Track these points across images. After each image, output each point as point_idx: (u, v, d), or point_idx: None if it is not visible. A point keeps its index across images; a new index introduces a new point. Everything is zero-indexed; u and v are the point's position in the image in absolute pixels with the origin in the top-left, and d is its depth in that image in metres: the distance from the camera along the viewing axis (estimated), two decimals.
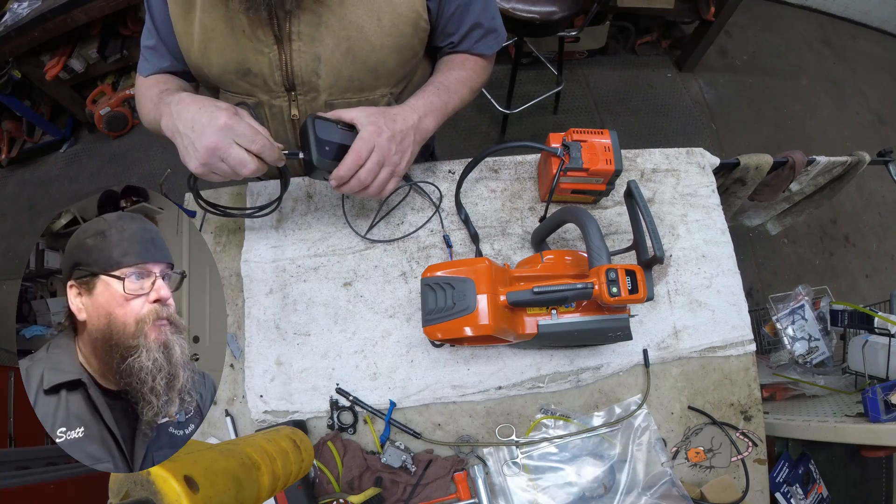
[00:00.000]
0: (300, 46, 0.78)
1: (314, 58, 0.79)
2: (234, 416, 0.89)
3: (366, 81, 0.84)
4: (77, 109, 2.48)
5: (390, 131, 0.76)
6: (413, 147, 0.80)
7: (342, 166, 0.75)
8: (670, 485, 0.85)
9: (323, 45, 0.78)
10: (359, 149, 0.74)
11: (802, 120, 2.66)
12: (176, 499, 0.37)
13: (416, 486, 0.84)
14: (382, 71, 0.84)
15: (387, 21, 0.77)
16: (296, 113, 0.87)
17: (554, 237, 0.98)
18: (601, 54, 2.72)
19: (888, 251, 2.40)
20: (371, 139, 0.74)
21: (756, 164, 1.25)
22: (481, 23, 0.90)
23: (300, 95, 0.84)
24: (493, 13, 0.92)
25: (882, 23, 2.96)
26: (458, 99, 0.90)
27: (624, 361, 0.91)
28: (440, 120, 0.86)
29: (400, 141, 0.77)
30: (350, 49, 0.79)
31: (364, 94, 0.86)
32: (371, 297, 0.94)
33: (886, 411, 0.94)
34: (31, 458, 0.77)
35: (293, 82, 0.82)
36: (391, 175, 0.78)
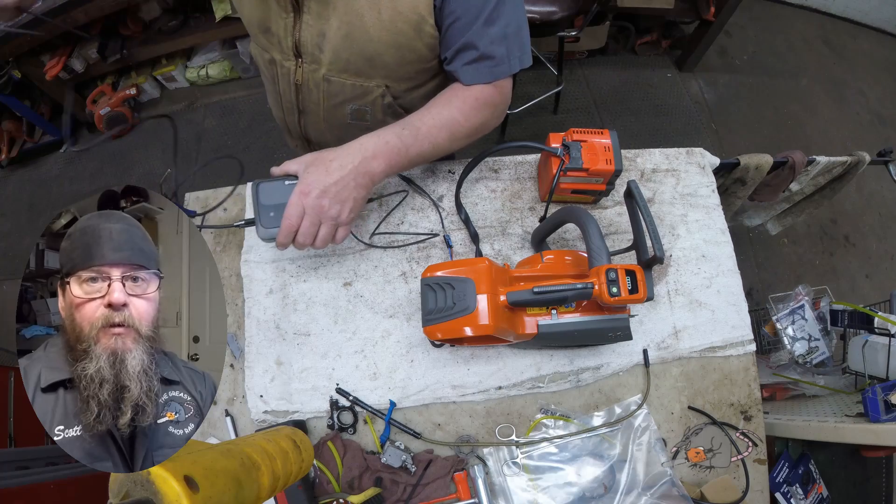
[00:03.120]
0: (308, 20, 0.80)
1: (319, 33, 0.81)
2: (234, 416, 0.89)
3: (362, 68, 0.85)
4: (77, 109, 2.48)
5: (319, 188, 0.74)
6: (356, 192, 0.77)
7: (279, 234, 0.76)
8: (670, 485, 0.85)
9: (328, 24, 0.80)
10: (289, 215, 0.75)
11: (802, 120, 2.66)
12: (176, 499, 0.37)
13: (416, 486, 0.84)
14: (379, 63, 0.84)
15: (386, 16, 0.77)
16: (299, 78, 0.89)
17: (554, 237, 0.98)
18: (601, 54, 2.72)
19: (888, 251, 2.40)
20: (298, 203, 0.75)
21: (756, 164, 1.25)
22: (475, 43, 0.79)
23: (305, 63, 0.87)
24: (497, 38, 0.79)
25: (882, 23, 2.96)
26: (428, 145, 0.81)
27: (624, 361, 0.91)
28: (395, 163, 0.79)
29: (335, 194, 0.75)
30: (349, 34, 0.80)
31: (360, 79, 0.87)
32: (371, 297, 0.94)
33: (886, 411, 0.94)
34: (31, 458, 0.77)
35: (300, 51, 0.85)
36: (334, 228, 0.78)
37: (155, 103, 2.64)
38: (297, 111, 0.96)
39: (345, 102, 0.91)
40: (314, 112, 0.95)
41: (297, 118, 0.98)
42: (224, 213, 1.02)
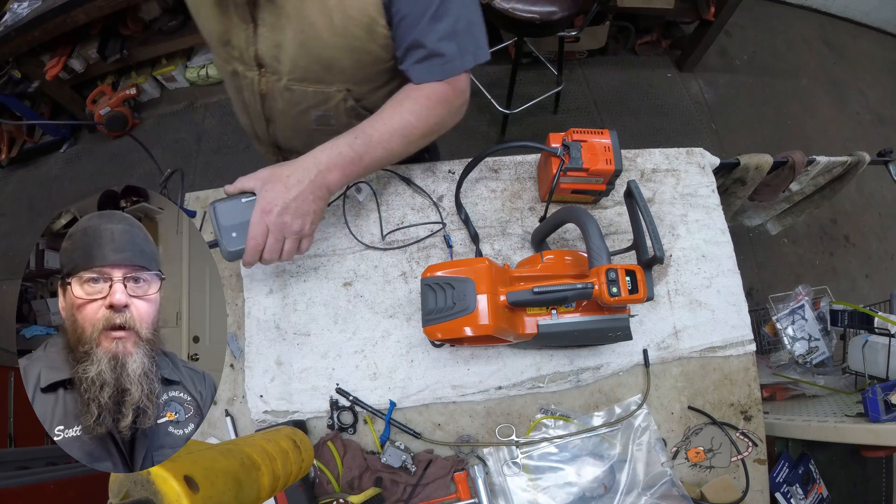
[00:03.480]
0: (264, 31, 0.81)
1: (275, 44, 0.82)
2: (234, 416, 0.89)
3: (320, 75, 0.86)
4: (77, 109, 2.48)
5: (280, 205, 0.75)
6: (314, 205, 0.77)
7: (246, 254, 0.77)
8: (670, 485, 0.85)
9: (283, 35, 0.81)
10: (254, 234, 0.75)
11: (802, 120, 2.66)
12: (176, 499, 0.37)
13: (416, 486, 0.84)
14: (336, 68, 0.85)
15: (338, 21, 0.78)
16: (263, 88, 0.90)
17: (554, 237, 0.98)
18: (601, 54, 2.72)
19: (888, 251, 2.40)
20: (262, 222, 0.75)
21: (756, 164, 1.25)
22: (422, 42, 0.78)
23: (268, 73, 0.88)
24: (446, 34, 0.78)
25: (882, 23, 2.96)
26: (382, 151, 0.80)
27: (624, 361, 0.91)
28: (350, 173, 0.79)
29: (295, 209, 0.76)
30: (304, 43, 0.81)
31: (320, 85, 0.87)
32: (371, 297, 0.94)
33: (886, 411, 0.94)
34: (31, 458, 0.77)
35: (261, 61, 0.86)
36: (298, 240, 0.79)
37: (155, 103, 2.64)
38: (265, 120, 0.97)
39: (309, 109, 0.92)
40: (281, 120, 0.96)
41: (266, 126, 0.99)
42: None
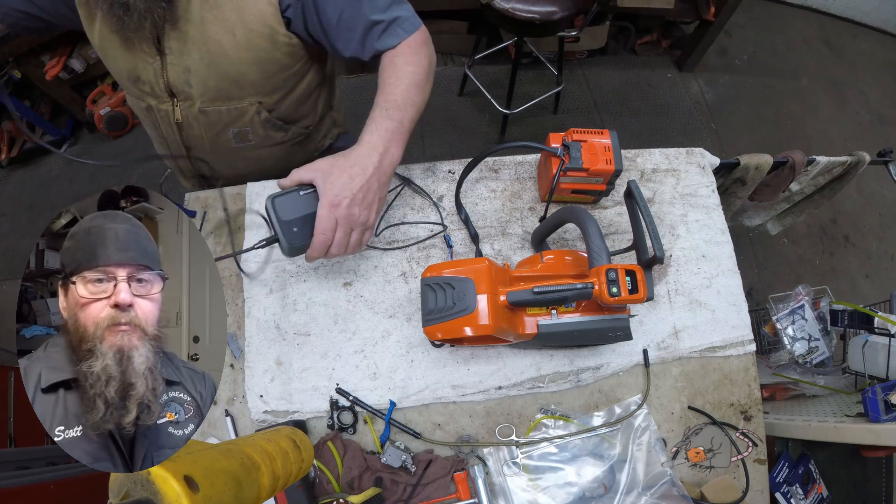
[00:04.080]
0: (172, 59, 0.84)
1: (184, 69, 0.85)
2: (234, 416, 0.89)
3: (231, 91, 0.89)
4: (77, 109, 2.48)
5: (349, 197, 0.73)
6: (380, 192, 0.77)
7: (312, 249, 0.75)
8: (670, 485, 0.85)
9: (191, 59, 0.84)
10: (323, 229, 0.73)
11: (802, 120, 2.66)
12: (176, 499, 0.37)
13: (416, 486, 0.84)
14: (246, 82, 0.88)
15: (241, 36, 0.81)
16: (178, 117, 0.92)
17: (554, 237, 0.98)
18: (601, 54, 2.72)
19: (888, 251, 2.40)
20: (331, 216, 0.73)
21: (756, 164, 1.25)
22: (376, 20, 0.82)
23: (181, 101, 0.90)
24: (384, 4, 0.83)
25: (882, 23, 2.96)
26: (412, 107, 0.82)
27: (624, 361, 0.91)
28: (404, 141, 0.80)
29: (362, 199, 0.74)
30: (212, 62, 0.84)
31: (232, 102, 0.90)
32: (371, 297, 0.94)
33: (886, 411, 0.94)
34: (31, 458, 0.77)
35: (172, 90, 0.89)
36: (363, 232, 0.78)
37: None
38: (185, 149, 0.99)
39: (225, 128, 0.94)
40: (200, 146, 0.97)
41: (187, 156, 1.00)
42: (223, 214, 1.02)
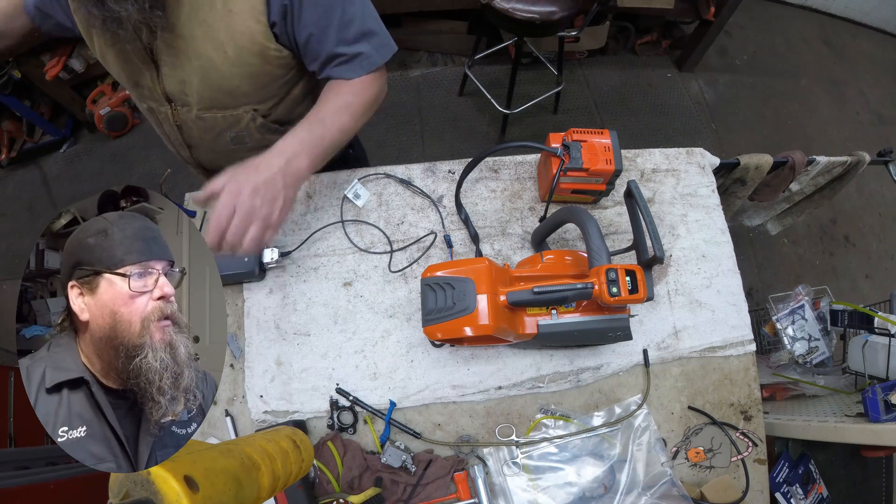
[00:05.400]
0: (167, 71, 0.86)
1: (180, 80, 0.87)
2: (234, 416, 0.89)
3: (226, 102, 0.91)
4: (77, 109, 2.47)
5: (251, 186, 0.73)
6: (285, 192, 0.77)
7: (207, 234, 0.74)
8: (670, 485, 0.85)
9: (185, 71, 0.86)
10: (218, 213, 0.73)
11: (802, 120, 2.66)
12: (176, 499, 0.37)
13: (416, 486, 0.84)
14: (240, 93, 0.90)
15: (232, 53, 0.83)
16: (177, 120, 0.95)
17: (554, 237, 0.98)
18: (601, 54, 2.71)
19: (888, 251, 2.40)
20: (229, 201, 0.73)
21: (756, 164, 1.25)
22: (338, 53, 0.85)
23: (178, 107, 0.92)
24: (353, 37, 0.85)
25: (882, 23, 2.97)
26: (336, 129, 0.84)
27: (624, 361, 0.91)
28: (316, 156, 0.82)
29: (265, 192, 0.74)
30: (205, 77, 0.86)
31: (227, 111, 0.92)
32: (371, 297, 0.94)
33: (886, 411, 0.94)
34: (31, 458, 0.77)
35: (170, 97, 0.91)
36: (264, 228, 0.76)
37: None
38: (187, 146, 1.02)
39: (223, 133, 0.96)
40: (200, 145, 1.01)
41: (189, 152, 1.04)
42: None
